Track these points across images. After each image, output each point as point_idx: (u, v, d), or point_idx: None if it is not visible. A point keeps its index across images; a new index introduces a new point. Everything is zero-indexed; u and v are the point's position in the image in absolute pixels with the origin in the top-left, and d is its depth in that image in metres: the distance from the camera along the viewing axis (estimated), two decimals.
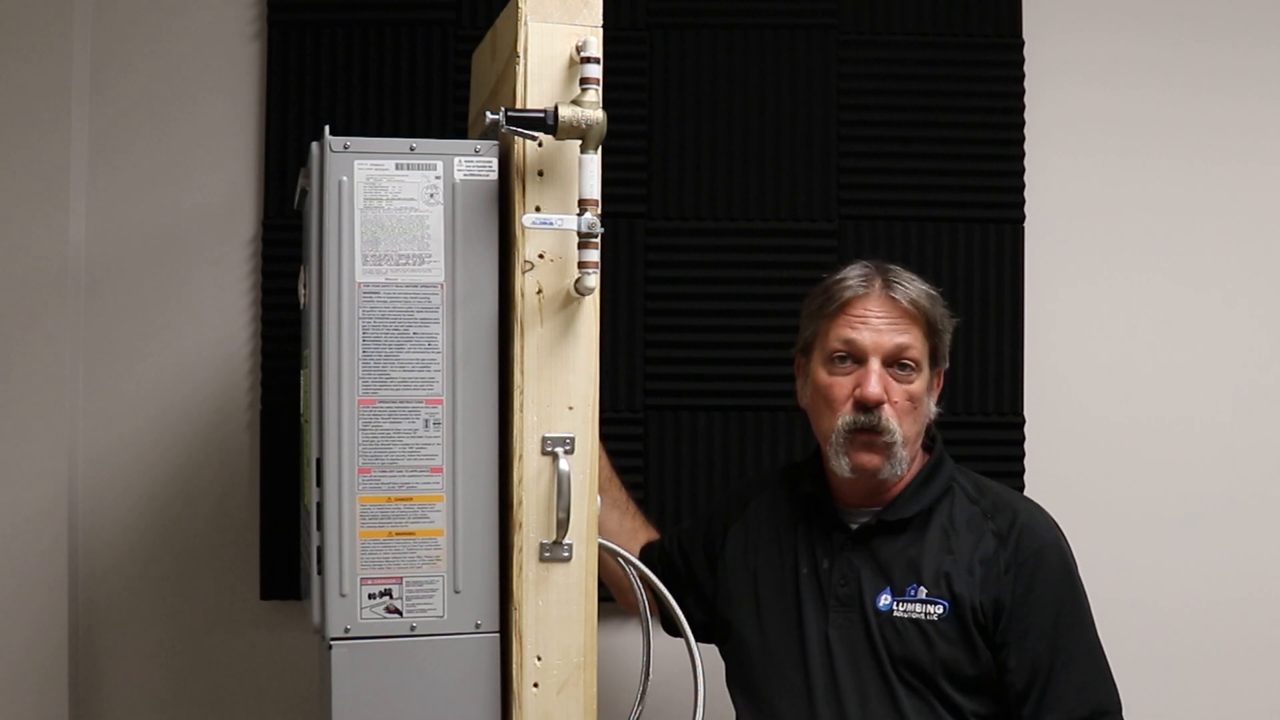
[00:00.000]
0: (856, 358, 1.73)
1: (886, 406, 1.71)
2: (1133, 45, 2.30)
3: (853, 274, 1.77)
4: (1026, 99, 2.25)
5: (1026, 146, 2.25)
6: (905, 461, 1.72)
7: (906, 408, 1.72)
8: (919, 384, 1.73)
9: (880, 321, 1.72)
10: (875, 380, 1.70)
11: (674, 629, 1.82)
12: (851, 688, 1.69)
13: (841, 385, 1.73)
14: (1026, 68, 2.25)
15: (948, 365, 1.80)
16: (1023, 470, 2.23)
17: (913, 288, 1.75)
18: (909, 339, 1.72)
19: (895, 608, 1.69)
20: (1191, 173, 2.30)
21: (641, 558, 1.93)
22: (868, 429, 1.71)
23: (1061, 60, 2.28)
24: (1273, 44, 2.31)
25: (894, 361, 1.72)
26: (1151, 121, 2.30)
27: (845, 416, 1.72)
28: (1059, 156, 2.28)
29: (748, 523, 1.86)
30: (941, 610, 1.67)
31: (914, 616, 1.68)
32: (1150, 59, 2.30)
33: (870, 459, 1.71)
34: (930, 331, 1.75)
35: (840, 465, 1.72)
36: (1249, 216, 2.30)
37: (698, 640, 1.78)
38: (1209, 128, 2.30)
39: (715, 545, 1.89)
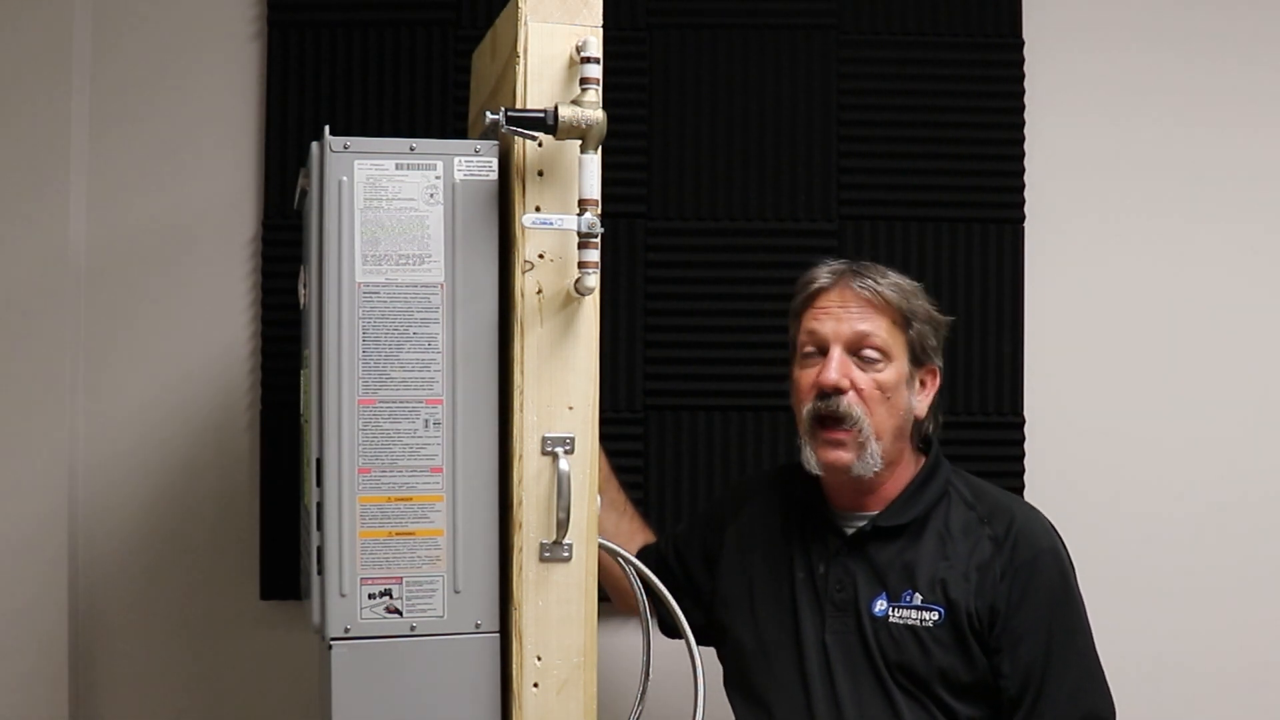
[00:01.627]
0: (821, 349, 1.72)
1: (851, 395, 1.68)
2: (1133, 45, 2.30)
3: (820, 270, 1.77)
4: (1026, 99, 2.25)
5: (1026, 146, 2.25)
6: (878, 456, 1.69)
7: (876, 397, 1.69)
8: (889, 374, 1.71)
9: (842, 311, 1.72)
10: (834, 366, 1.69)
11: (671, 631, 1.83)
12: (848, 692, 1.68)
13: (807, 376, 1.73)
14: (1026, 68, 2.25)
15: (939, 364, 1.78)
16: (1023, 470, 2.23)
17: (881, 280, 1.73)
18: (871, 327, 1.70)
19: (891, 614, 1.68)
20: (1194, 173, 2.30)
21: (641, 561, 1.93)
22: (830, 417, 1.69)
23: (1062, 60, 2.28)
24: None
25: (857, 350, 1.70)
26: (1154, 120, 2.30)
27: (809, 405, 1.71)
28: (1059, 156, 2.28)
29: (743, 526, 1.86)
30: (937, 617, 1.67)
31: (909, 623, 1.67)
32: (1151, 59, 2.30)
33: (838, 455, 1.69)
34: (901, 323, 1.73)
35: (809, 460, 1.71)
36: (1252, 219, 2.30)
37: (696, 642, 1.78)
38: (1216, 128, 2.30)
39: (713, 548, 1.89)
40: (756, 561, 1.81)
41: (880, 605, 1.69)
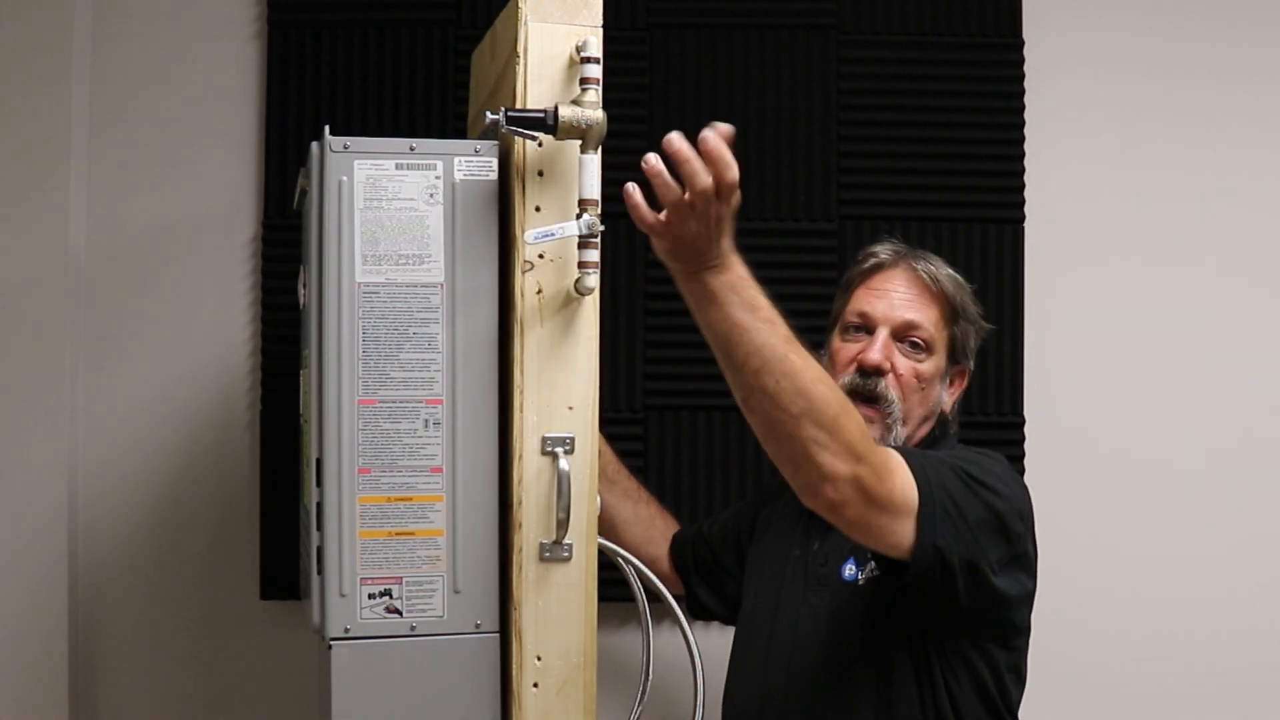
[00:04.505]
0: (868, 329, 1.74)
1: (890, 378, 1.70)
2: (1134, 44, 2.30)
3: (882, 247, 1.79)
4: (1026, 99, 2.25)
5: (1026, 146, 2.25)
6: (901, 439, 1.70)
7: (912, 385, 1.71)
8: (930, 366, 1.72)
9: (897, 296, 1.73)
10: (879, 346, 1.71)
11: (698, 613, 1.94)
12: (805, 668, 1.67)
13: (848, 350, 1.74)
14: (1026, 68, 2.25)
15: (971, 367, 1.78)
16: (1023, 471, 2.23)
17: (939, 269, 1.75)
18: (922, 318, 1.72)
19: (859, 577, 1.67)
20: (1195, 172, 2.29)
21: (675, 545, 1.98)
22: (865, 395, 1.70)
23: (1062, 60, 2.28)
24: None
25: (903, 337, 1.72)
26: (1153, 121, 2.30)
27: (845, 378, 1.72)
28: (1059, 156, 2.28)
29: (774, 508, 1.88)
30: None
31: (875, 576, 1.65)
32: (1152, 58, 2.30)
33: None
34: (950, 317, 1.74)
35: None
36: (1253, 215, 2.30)
37: (723, 623, 1.79)
38: (1213, 127, 2.30)
39: (745, 529, 1.91)
40: (772, 542, 1.83)
41: (849, 570, 1.68)
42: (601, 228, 1.49)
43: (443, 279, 1.53)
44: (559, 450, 1.52)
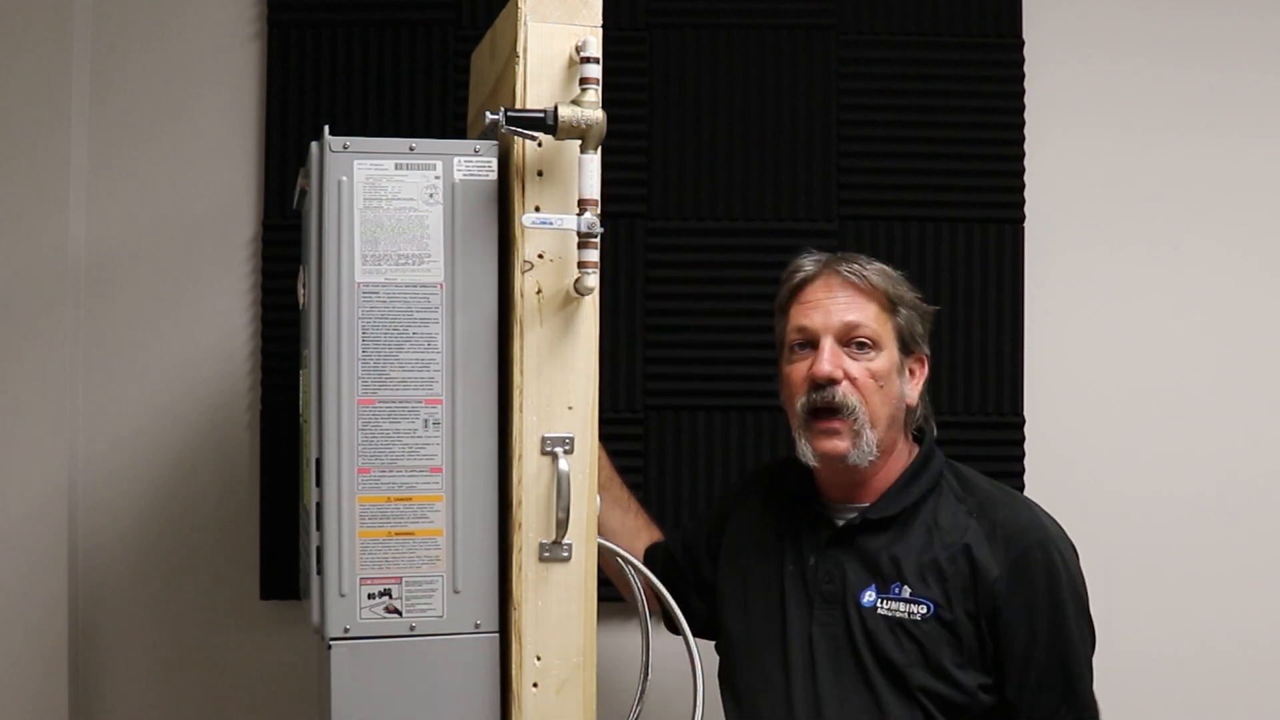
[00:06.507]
0: (812, 342, 1.71)
1: (845, 384, 1.67)
2: (1133, 46, 2.30)
3: (804, 260, 1.77)
4: (1027, 99, 2.25)
5: (1026, 146, 2.25)
6: (873, 444, 1.68)
7: (870, 386, 1.68)
8: (881, 362, 1.70)
9: (830, 302, 1.71)
10: (827, 356, 1.68)
11: (675, 627, 1.83)
12: (831, 687, 1.67)
13: (798, 369, 1.71)
14: (1027, 68, 2.25)
15: (927, 353, 1.76)
16: (1023, 470, 2.23)
17: (865, 266, 1.73)
18: (860, 316, 1.70)
19: (880, 605, 1.67)
20: (1197, 173, 2.30)
21: (645, 559, 1.93)
22: (825, 408, 1.67)
23: (1062, 60, 2.28)
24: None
25: (848, 340, 1.70)
26: (1155, 121, 2.30)
27: (802, 398, 1.70)
28: (1059, 156, 2.28)
29: (741, 520, 1.86)
30: (925, 610, 1.65)
31: (897, 615, 1.66)
32: (1151, 60, 2.30)
33: (834, 445, 1.67)
34: (889, 308, 1.72)
35: (805, 453, 1.69)
36: (1254, 217, 2.30)
37: (702, 637, 1.78)
38: (1212, 128, 2.30)
39: (716, 543, 1.89)
40: (750, 557, 1.81)
41: (869, 596, 1.68)
42: (601, 229, 1.49)
43: (442, 279, 1.52)
44: (559, 450, 1.52)
